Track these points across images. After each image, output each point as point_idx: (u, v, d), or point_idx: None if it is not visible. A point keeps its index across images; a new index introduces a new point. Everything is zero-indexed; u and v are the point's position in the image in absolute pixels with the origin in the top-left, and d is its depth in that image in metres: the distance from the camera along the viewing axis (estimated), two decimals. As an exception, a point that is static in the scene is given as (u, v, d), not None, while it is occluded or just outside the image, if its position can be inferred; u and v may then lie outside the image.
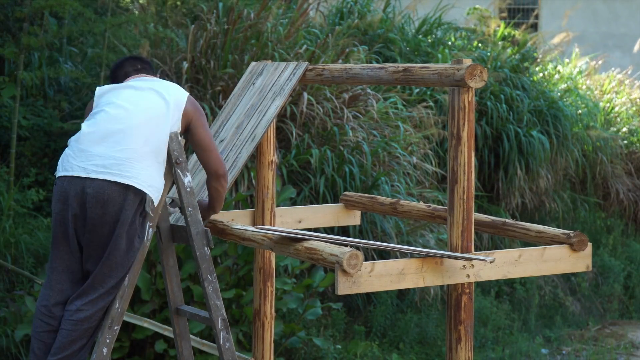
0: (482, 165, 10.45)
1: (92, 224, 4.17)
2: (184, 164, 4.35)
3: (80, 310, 4.21)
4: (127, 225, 4.17)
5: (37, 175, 8.30)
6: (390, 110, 9.24)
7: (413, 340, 8.52)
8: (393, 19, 11.15)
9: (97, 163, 4.16)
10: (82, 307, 4.21)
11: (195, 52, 8.41)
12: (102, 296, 4.23)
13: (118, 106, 4.29)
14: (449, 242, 4.16)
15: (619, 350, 9.33)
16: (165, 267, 4.55)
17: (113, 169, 4.15)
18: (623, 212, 12.03)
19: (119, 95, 4.35)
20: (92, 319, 4.23)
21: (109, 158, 4.17)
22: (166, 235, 4.54)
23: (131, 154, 4.18)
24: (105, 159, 4.17)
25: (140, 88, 4.39)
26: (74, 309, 4.22)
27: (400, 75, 4.30)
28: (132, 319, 5.91)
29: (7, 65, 8.72)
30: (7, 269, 7.17)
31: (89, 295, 4.22)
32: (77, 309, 4.21)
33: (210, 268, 4.37)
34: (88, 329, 4.24)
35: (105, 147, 4.19)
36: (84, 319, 4.21)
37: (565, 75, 12.70)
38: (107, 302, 4.26)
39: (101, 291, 4.22)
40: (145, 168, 4.19)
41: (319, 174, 8.21)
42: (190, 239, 4.37)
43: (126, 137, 4.20)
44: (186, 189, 4.35)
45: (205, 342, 5.87)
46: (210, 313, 4.38)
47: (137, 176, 4.17)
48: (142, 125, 4.24)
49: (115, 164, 4.16)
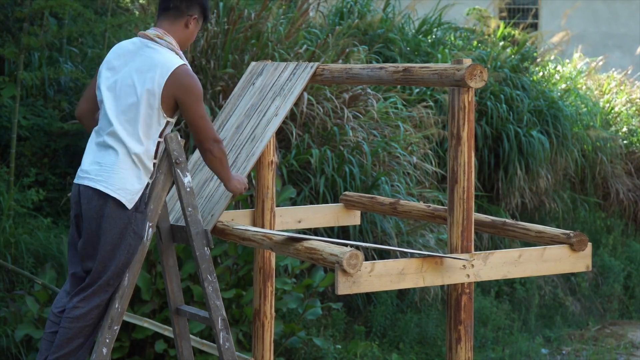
0: (482, 165, 10.45)
1: (84, 219, 4.26)
2: (184, 164, 4.34)
3: (75, 307, 4.23)
4: (114, 219, 4.18)
5: (37, 175, 8.30)
6: (390, 110, 9.24)
7: (413, 340, 8.52)
8: (393, 19, 11.15)
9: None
10: (78, 305, 4.23)
11: (195, 52, 8.42)
12: (95, 292, 4.22)
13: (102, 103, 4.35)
14: (448, 242, 4.16)
15: (619, 350, 9.33)
16: (165, 267, 4.55)
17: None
18: (623, 212, 12.03)
19: (103, 87, 4.35)
20: (88, 317, 4.23)
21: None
22: (166, 235, 4.54)
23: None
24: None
25: (118, 70, 4.36)
26: (70, 306, 4.25)
27: (400, 75, 4.31)
28: (132, 319, 5.91)
29: (7, 65, 8.73)
30: (7, 269, 7.17)
31: (84, 292, 4.24)
32: (73, 306, 4.24)
33: (210, 268, 4.37)
34: (84, 328, 4.23)
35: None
36: (79, 316, 4.22)
37: (565, 75, 12.70)
38: (103, 300, 4.25)
39: (94, 287, 4.23)
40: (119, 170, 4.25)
41: (319, 174, 8.22)
42: (190, 239, 4.36)
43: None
44: (186, 189, 4.34)
45: (205, 342, 5.87)
46: (210, 313, 4.38)
47: (107, 180, 4.23)
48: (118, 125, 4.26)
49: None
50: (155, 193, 4.35)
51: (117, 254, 4.22)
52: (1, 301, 7.07)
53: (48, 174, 8.42)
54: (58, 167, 8.60)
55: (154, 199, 4.35)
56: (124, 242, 4.22)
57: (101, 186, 4.20)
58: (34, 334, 6.69)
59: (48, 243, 7.48)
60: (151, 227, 4.32)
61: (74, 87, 9.12)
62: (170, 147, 4.32)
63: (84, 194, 4.25)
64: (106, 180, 4.20)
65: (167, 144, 4.32)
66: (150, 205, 4.33)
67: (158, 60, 4.28)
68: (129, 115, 4.23)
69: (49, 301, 6.86)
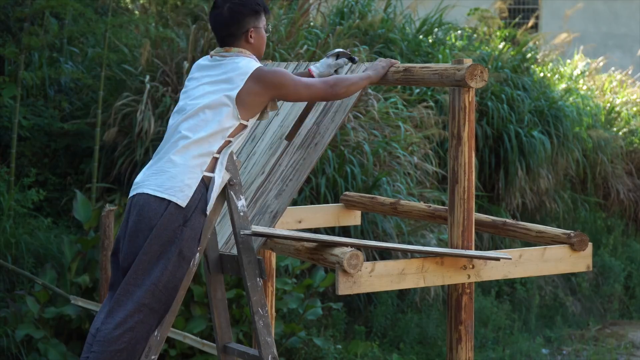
0: (483, 166, 10.45)
1: (129, 233, 3.87)
2: (238, 186, 3.98)
3: (106, 329, 3.79)
4: (160, 231, 3.80)
5: (38, 175, 8.30)
6: (391, 110, 9.24)
7: (413, 340, 8.52)
8: (394, 19, 11.15)
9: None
10: (108, 326, 3.79)
11: (196, 52, 8.41)
12: (129, 313, 3.77)
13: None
14: (449, 242, 4.15)
15: (619, 351, 9.32)
16: (212, 300, 4.20)
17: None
18: (623, 212, 12.03)
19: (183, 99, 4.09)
20: (120, 341, 3.77)
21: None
22: (214, 264, 4.19)
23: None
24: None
25: (197, 79, 4.07)
26: (102, 328, 3.82)
27: (400, 75, 4.30)
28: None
29: (8, 65, 8.73)
30: (7, 269, 7.17)
31: (116, 311, 3.80)
32: (104, 328, 3.80)
33: (262, 301, 3.97)
34: (115, 353, 3.77)
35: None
36: (110, 340, 3.77)
37: (565, 75, 12.70)
38: (137, 323, 3.79)
39: (127, 306, 3.79)
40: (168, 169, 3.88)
41: (320, 173, 8.22)
42: (241, 269, 3.98)
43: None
44: (239, 214, 3.97)
45: (206, 342, 5.88)
46: (260, 351, 3.98)
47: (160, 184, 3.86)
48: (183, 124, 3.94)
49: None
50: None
51: (159, 269, 3.80)
52: (1, 301, 7.08)
53: (48, 174, 8.42)
54: (58, 167, 8.60)
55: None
56: (168, 258, 3.82)
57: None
58: (34, 334, 6.70)
59: (48, 243, 7.49)
60: (199, 252, 3.93)
61: (74, 87, 9.12)
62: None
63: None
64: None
65: None
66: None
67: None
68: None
69: (49, 301, 6.86)
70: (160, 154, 3.96)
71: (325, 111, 4.49)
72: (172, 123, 4.02)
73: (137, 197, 3.89)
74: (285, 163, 4.42)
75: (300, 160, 4.38)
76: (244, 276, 3.98)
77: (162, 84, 8.44)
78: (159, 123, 8.25)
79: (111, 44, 8.72)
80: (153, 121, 8.16)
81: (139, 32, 9.17)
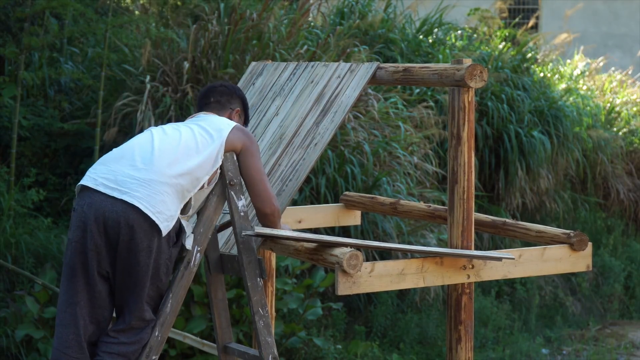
0: (483, 166, 10.45)
1: (121, 249, 3.85)
2: (239, 186, 3.98)
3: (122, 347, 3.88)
4: (152, 257, 3.81)
5: (38, 175, 8.30)
6: (391, 110, 9.24)
7: (413, 340, 8.52)
8: (394, 19, 11.16)
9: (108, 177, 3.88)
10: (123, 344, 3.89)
11: (196, 52, 8.42)
12: (142, 336, 3.88)
13: (148, 132, 4.05)
14: (449, 242, 4.16)
15: (619, 351, 9.32)
16: (213, 300, 4.20)
17: (123, 187, 3.83)
18: (623, 212, 12.03)
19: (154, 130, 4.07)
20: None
21: (123, 175, 3.85)
22: (215, 265, 4.19)
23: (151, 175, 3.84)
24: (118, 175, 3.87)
25: (180, 124, 4.07)
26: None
27: (400, 75, 4.30)
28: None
29: (8, 65, 8.73)
30: (7, 269, 7.17)
31: (129, 332, 3.90)
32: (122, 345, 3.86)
33: (263, 301, 3.98)
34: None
35: (121, 165, 3.90)
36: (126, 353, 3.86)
37: (566, 76, 12.70)
38: (145, 334, 3.91)
39: (141, 331, 3.90)
40: (158, 193, 3.82)
41: (320, 173, 8.22)
42: (242, 268, 3.98)
43: (151, 158, 3.90)
44: (240, 214, 3.98)
45: (206, 342, 5.88)
46: (261, 350, 3.99)
47: (146, 198, 3.80)
48: (168, 150, 3.90)
49: (126, 181, 3.83)
50: (206, 216, 3.99)
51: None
52: (1, 301, 7.08)
53: (48, 174, 8.43)
54: (58, 167, 8.60)
55: (204, 222, 3.98)
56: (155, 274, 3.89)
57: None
58: (34, 334, 6.70)
59: (48, 243, 7.49)
60: (199, 252, 3.95)
61: (74, 87, 9.13)
62: (225, 167, 3.99)
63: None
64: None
65: (222, 164, 3.98)
66: (199, 229, 3.98)
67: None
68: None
69: (49, 301, 6.86)
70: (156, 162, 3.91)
71: (324, 111, 4.49)
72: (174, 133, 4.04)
73: (125, 206, 3.79)
74: (285, 163, 4.43)
75: (300, 161, 4.38)
76: (244, 276, 3.97)
77: (162, 84, 8.45)
78: (159, 123, 8.25)
79: (111, 44, 8.72)
80: (153, 121, 8.16)
81: (140, 32, 9.17)
